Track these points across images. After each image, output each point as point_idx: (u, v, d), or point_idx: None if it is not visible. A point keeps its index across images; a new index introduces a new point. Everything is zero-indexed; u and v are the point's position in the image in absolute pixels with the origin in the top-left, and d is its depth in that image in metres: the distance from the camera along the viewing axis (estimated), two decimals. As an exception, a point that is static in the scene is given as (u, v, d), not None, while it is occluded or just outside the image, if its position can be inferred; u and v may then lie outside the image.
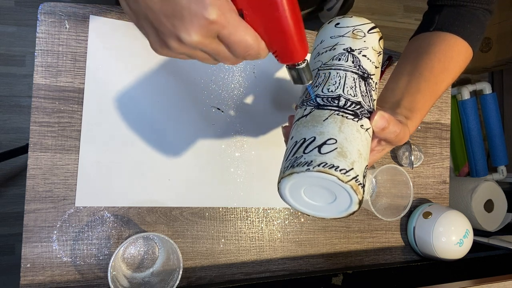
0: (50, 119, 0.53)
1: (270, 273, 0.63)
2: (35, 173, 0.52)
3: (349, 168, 0.32)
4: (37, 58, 0.52)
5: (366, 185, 0.66)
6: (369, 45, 0.40)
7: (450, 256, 0.66)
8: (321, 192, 0.35)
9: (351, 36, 0.41)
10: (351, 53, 0.39)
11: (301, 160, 0.32)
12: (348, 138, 0.34)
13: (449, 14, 0.52)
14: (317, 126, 0.34)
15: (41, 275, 0.52)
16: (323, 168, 0.31)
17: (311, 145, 0.33)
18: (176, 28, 0.27)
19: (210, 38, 0.28)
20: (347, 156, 0.32)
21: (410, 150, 0.70)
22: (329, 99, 0.36)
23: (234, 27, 0.28)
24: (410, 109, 0.44)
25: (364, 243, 0.69)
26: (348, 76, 0.38)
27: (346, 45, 0.40)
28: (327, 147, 0.32)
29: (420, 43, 0.53)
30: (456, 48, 0.51)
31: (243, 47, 0.29)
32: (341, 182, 0.31)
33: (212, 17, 0.26)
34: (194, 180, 0.59)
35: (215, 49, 0.29)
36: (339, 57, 0.39)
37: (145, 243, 0.56)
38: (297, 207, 0.37)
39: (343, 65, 0.39)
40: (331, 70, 0.39)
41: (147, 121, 0.57)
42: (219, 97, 0.61)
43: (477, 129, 1.63)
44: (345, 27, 0.42)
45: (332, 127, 0.34)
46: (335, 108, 0.36)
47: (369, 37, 0.41)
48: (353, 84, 0.38)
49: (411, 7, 1.95)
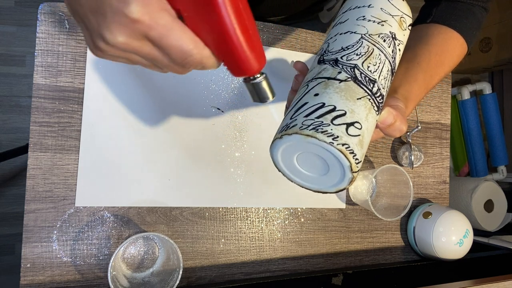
0: (50, 119, 0.53)
1: (270, 273, 0.63)
2: (35, 173, 0.52)
3: (361, 159, 0.31)
4: (37, 58, 0.52)
5: (366, 184, 0.66)
6: (405, 41, 0.38)
7: (450, 256, 0.66)
8: (315, 162, 0.32)
9: (398, 21, 0.37)
10: (394, 41, 0.36)
11: (327, 129, 0.29)
12: (369, 129, 0.32)
13: (446, 8, 0.52)
14: (350, 101, 0.31)
15: (41, 275, 0.52)
16: (346, 149, 0.29)
17: (341, 119, 0.30)
18: (100, 26, 0.24)
19: (138, 40, 0.25)
20: (363, 147, 0.31)
21: (410, 150, 0.70)
22: (366, 79, 0.33)
23: (165, 29, 0.24)
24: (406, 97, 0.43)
25: (364, 243, 0.69)
26: (386, 64, 0.35)
27: (393, 29, 0.37)
28: (353, 129, 0.30)
29: (417, 33, 0.53)
30: (452, 42, 0.51)
31: (180, 53, 0.26)
32: (350, 170, 0.30)
33: (134, 15, 0.23)
34: (194, 180, 0.59)
35: (149, 54, 0.26)
36: (385, 38, 0.36)
37: (145, 243, 0.56)
38: (282, 168, 0.35)
39: (386, 50, 0.36)
40: (375, 48, 0.35)
41: (147, 121, 0.57)
42: (219, 97, 0.61)
43: (477, 129, 1.63)
44: (397, 8, 0.38)
45: (362, 110, 0.32)
46: (369, 92, 0.33)
47: (407, 32, 0.38)
48: (386, 75, 0.35)
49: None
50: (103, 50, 0.26)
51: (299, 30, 0.66)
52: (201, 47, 0.26)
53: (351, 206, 0.68)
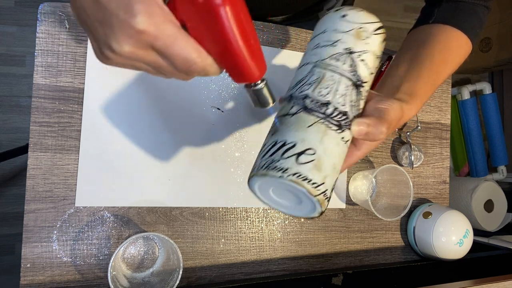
0: (50, 119, 0.53)
1: (270, 273, 0.63)
2: (35, 173, 0.52)
3: (320, 182, 0.32)
4: (37, 58, 0.52)
5: (366, 184, 0.66)
6: (370, 49, 0.38)
7: (450, 256, 0.66)
8: (289, 194, 0.35)
9: (354, 34, 0.38)
10: (351, 56, 0.37)
11: (277, 165, 0.32)
12: (327, 151, 0.33)
13: (448, 8, 0.52)
14: (300, 131, 0.33)
15: (41, 275, 0.52)
16: (296, 178, 0.31)
17: (290, 151, 0.33)
18: (107, 36, 0.25)
19: (144, 50, 0.26)
20: (321, 170, 0.32)
21: (410, 150, 0.70)
22: (317, 104, 0.35)
23: (170, 39, 0.25)
24: (410, 94, 0.43)
25: (364, 243, 0.69)
26: (342, 81, 0.36)
27: (348, 44, 0.37)
28: (304, 157, 0.32)
29: (419, 35, 0.52)
30: (456, 40, 0.50)
31: (184, 62, 0.27)
32: (310, 195, 0.32)
33: (140, 26, 0.24)
34: (194, 180, 0.59)
35: (154, 62, 0.27)
36: (338, 57, 0.37)
37: (145, 243, 0.56)
38: (264, 200, 0.37)
39: (340, 68, 0.37)
40: (327, 71, 0.37)
41: (147, 120, 0.57)
42: (219, 97, 0.61)
43: (477, 129, 1.63)
44: (351, 22, 0.38)
45: (314, 136, 0.33)
46: (322, 116, 0.34)
47: (372, 39, 0.38)
48: (345, 91, 0.36)
49: (411, 7, 1.95)
50: (109, 58, 0.27)
51: (299, 30, 0.66)
52: (204, 55, 0.27)
53: (351, 206, 0.68)
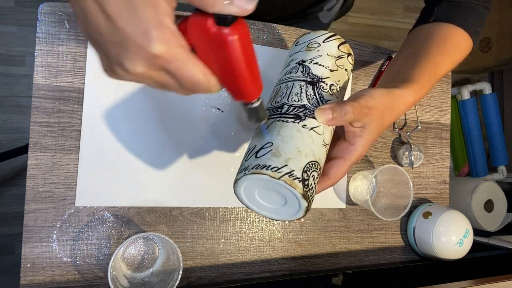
0: (50, 119, 0.53)
1: (270, 273, 0.63)
2: (35, 173, 0.52)
3: (281, 165, 0.34)
4: (37, 58, 0.52)
5: (366, 184, 0.66)
6: (323, 53, 0.43)
7: (450, 256, 0.66)
8: (273, 195, 0.37)
9: (305, 49, 0.44)
10: (302, 64, 0.42)
11: (241, 167, 0.36)
12: (285, 139, 0.36)
13: (449, 7, 0.52)
14: (260, 135, 0.38)
15: (41, 275, 0.52)
16: (256, 169, 0.34)
17: (251, 152, 0.37)
18: (121, 56, 0.27)
19: (156, 71, 0.28)
20: (281, 155, 0.34)
21: (410, 150, 0.70)
22: (274, 109, 0.39)
23: (181, 63, 0.28)
24: (404, 81, 0.44)
25: (364, 243, 0.69)
26: (295, 85, 0.41)
27: (299, 58, 0.43)
28: (263, 150, 0.35)
29: (419, 33, 0.53)
30: (456, 36, 0.51)
31: (191, 83, 0.29)
32: (273, 179, 0.33)
33: (157, 51, 0.26)
34: (194, 180, 0.59)
35: (163, 81, 0.29)
36: (291, 70, 0.43)
37: (145, 243, 0.56)
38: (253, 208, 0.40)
39: (292, 77, 0.42)
40: (282, 84, 0.42)
41: (147, 121, 0.57)
42: (219, 97, 0.61)
43: (477, 129, 1.63)
44: (302, 43, 0.45)
45: (271, 132, 0.37)
46: (277, 116, 0.38)
47: (324, 46, 0.43)
48: (299, 90, 0.40)
49: (411, 7, 1.95)
50: (119, 75, 0.29)
51: (299, 30, 0.66)
52: (209, 77, 0.30)
53: (351, 206, 0.68)
